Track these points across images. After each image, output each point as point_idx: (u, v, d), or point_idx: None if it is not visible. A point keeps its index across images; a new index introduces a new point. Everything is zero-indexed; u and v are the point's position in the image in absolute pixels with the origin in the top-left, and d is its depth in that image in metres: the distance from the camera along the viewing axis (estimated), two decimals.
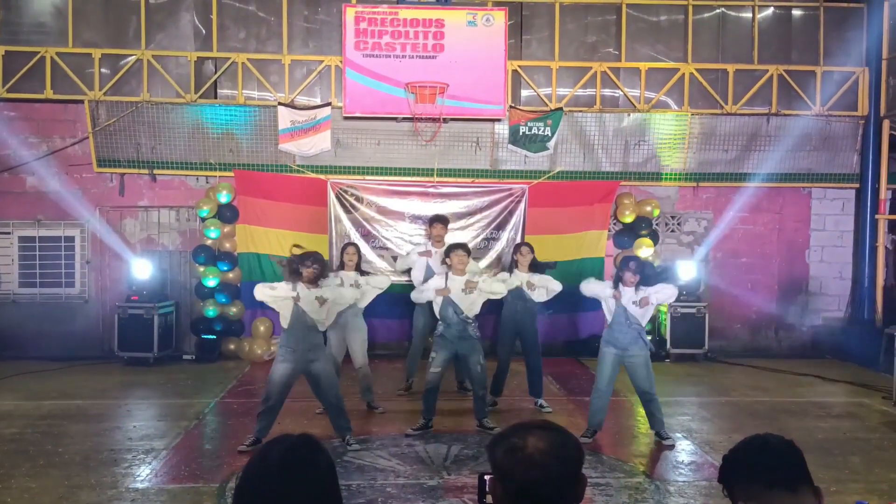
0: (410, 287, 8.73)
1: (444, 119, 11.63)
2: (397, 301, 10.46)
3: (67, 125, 11.82)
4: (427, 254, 9.22)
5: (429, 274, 8.77)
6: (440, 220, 9.48)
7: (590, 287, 7.70)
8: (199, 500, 5.77)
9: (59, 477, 6.29)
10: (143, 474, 6.40)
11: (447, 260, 7.95)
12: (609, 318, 7.49)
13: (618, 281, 7.45)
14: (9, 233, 11.96)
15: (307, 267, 6.87)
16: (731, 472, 2.15)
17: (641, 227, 11.99)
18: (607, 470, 6.61)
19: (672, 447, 7.27)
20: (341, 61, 11.69)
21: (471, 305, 7.63)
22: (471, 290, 7.61)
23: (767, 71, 12.23)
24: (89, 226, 11.98)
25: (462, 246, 8.00)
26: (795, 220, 12.71)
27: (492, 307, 8.69)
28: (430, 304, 8.03)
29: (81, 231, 12.02)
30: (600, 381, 7.45)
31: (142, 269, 11.34)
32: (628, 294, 7.34)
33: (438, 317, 7.77)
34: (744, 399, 9.40)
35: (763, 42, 12.33)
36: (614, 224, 12.20)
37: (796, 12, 12.50)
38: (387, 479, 6.31)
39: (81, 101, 11.63)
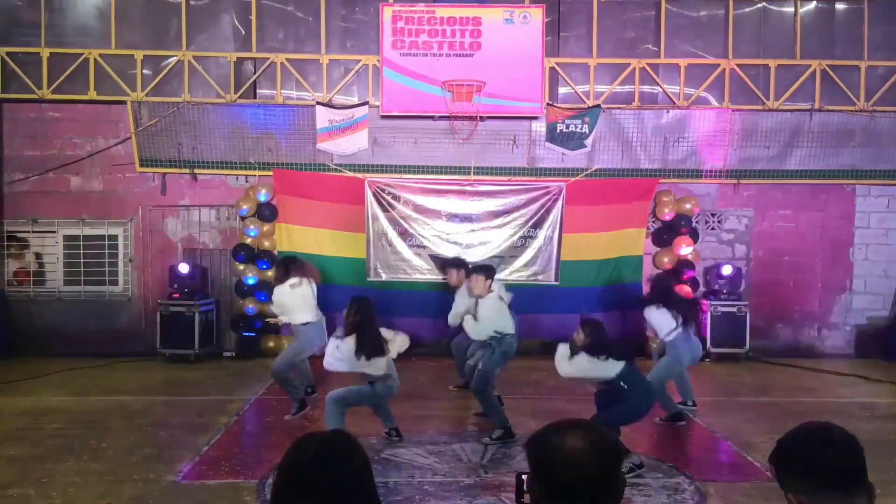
0: (441, 285, 8.72)
1: (481, 117, 11.62)
2: (431, 299, 10.50)
3: (110, 126, 12.02)
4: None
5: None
6: (454, 266, 9.42)
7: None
8: (240, 496, 5.84)
9: (102, 472, 6.39)
10: (185, 469, 6.49)
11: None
12: None
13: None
14: (54, 231, 12.20)
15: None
16: (785, 460, 2.08)
17: (681, 224, 11.87)
18: (646, 470, 6.55)
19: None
20: (378, 60, 11.73)
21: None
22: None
23: (810, 66, 12.02)
24: (132, 224, 12.18)
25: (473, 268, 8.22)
26: (839, 218, 12.49)
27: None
28: None
29: (124, 230, 12.23)
30: None
31: (183, 268, 11.49)
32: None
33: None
34: (786, 399, 9.25)
35: (805, 37, 12.13)
36: (653, 222, 12.09)
37: (840, 6, 12.27)
38: (424, 476, 6.32)
39: (124, 102, 11.82)
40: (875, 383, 10.26)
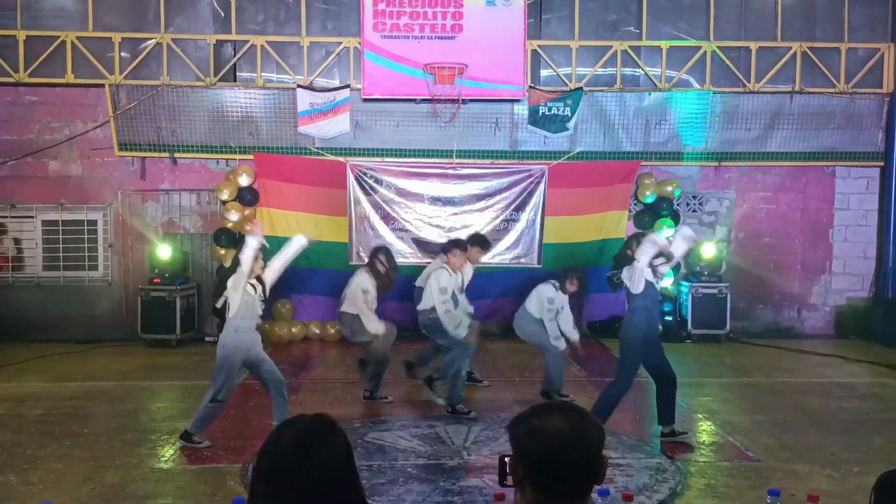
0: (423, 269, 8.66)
1: (463, 100, 11.58)
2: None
3: (88, 109, 11.88)
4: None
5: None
6: (459, 247, 8.46)
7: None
8: (223, 480, 5.83)
9: (84, 457, 6.37)
10: (168, 454, 6.48)
11: (444, 258, 8.07)
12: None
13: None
14: (32, 217, 12.07)
15: None
16: (885, 498, 2.08)
17: (662, 207, 11.91)
18: (628, 450, 6.61)
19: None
20: (360, 43, 11.66)
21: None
22: None
23: (791, 48, 12.07)
24: (111, 209, 12.08)
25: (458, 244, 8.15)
26: (819, 200, 12.57)
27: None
28: None
29: (104, 215, 12.12)
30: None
31: (163, 252, 11.42)
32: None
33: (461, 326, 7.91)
34: (766, 380, 9.35)
35: (786, 19, 12.16)
36: (635, 204, 12.12)
37: None
38: (408, 459, 6.34)
39: (102, 86, 11.68)
40: (854, 363, 10.37)
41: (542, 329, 8.06)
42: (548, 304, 8.05)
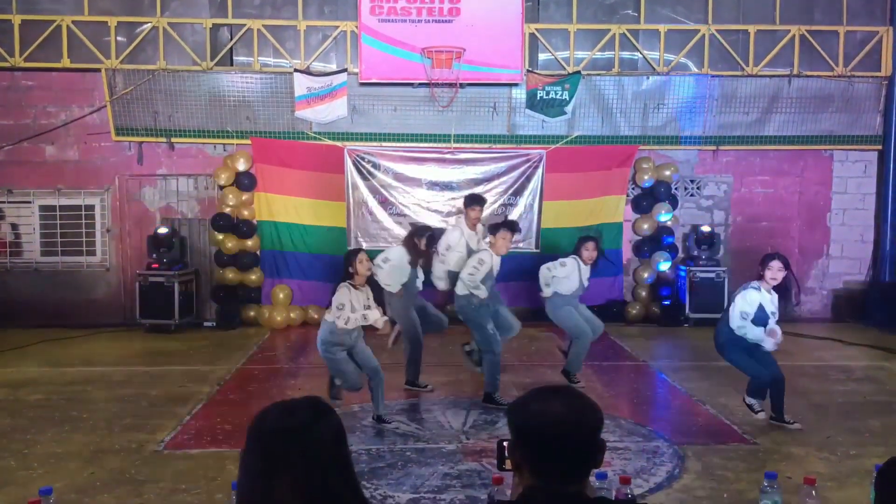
0: None
1: (461, 84, 11.54)
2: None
3: (85, 94, 11.83)
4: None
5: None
6: (479, 203, 8.57)
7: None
8: (222, 465, 5.85)
9: (83, 442, 6.39)
10: (167, 439, 6.49)
11: (491, 239, 7.63)
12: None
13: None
14: (30, 202, 12.04)
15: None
16: (887, 493, 2.07)
17: (660, 191, 11.91)
18: (626, 434, 6.63)
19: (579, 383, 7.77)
20: (357, 26, 11.60)
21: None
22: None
23: (789, 31, 12.03)
24: (109, 194, 12.06)
25: (510, 225, 7.82)
26: (816, 184, 12.57)
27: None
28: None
29: (101, 200, 12.10)
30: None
31: (161, 238, 11.41)
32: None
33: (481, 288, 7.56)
34: None
35: (785, 2, 12.11)
36: (633, 188, 12.12)
37: None
38: (406, 443, 6.36)
39: (98, 70, 11.63)
40: (851, 346, 10.40)
41: (575, 313, 8.02)
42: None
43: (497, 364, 7.50)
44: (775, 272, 6.59)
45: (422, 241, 7.96)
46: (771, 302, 6.68)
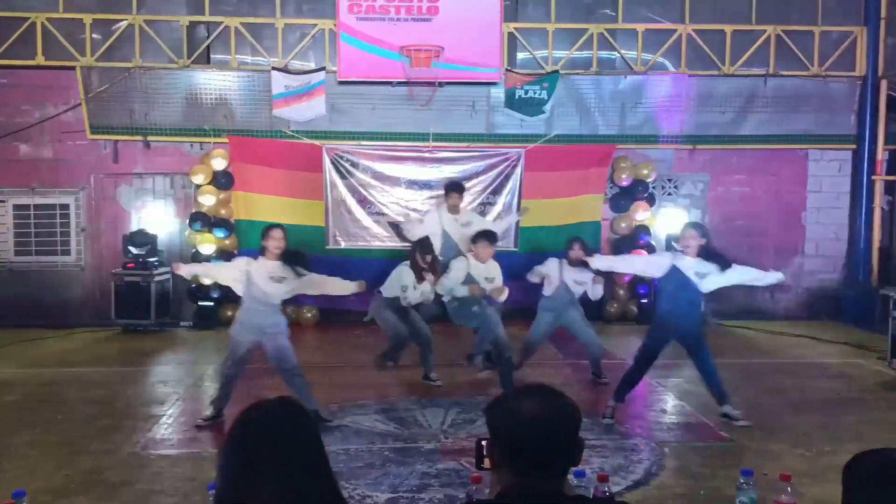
0: (400, 253, 8.63)
1: (440, 83, 11.53)
2: (391, 267, 10.45)
3: (60, 92, 11.70)
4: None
5: (446, 241, 8.85)
6: (456, 189, 9.25)
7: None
8: (199, 466, 5.81)
9: (58, 444, 6.32)
10: (143, 440, 6.44)
11: (472, 248, 7.87)
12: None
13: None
14: (3, 201, 11.90)
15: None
16: (853, 488, 2.03)
17: (638, 190, 11.97)
18: (603, 432, 6.66)
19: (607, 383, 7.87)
20: (335, 25, 11.56)
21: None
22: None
23: (765, 31, 12.12)
24: (84, 193, 11.93)
25: (489, 235, 7.89)
26: (792, 182, 12.68)
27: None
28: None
29: (76, 199, 11.97)
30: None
31: (137, 237, 11.31)
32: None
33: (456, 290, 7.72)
34: (740, 361, 9.43)
35: (761, 2, 12.21)
36: (611, 187, 12.16)
37: None
38: (385, 442, 6.35)
39: (73, 68, 11.51)
40: (826, 344, 10.51)
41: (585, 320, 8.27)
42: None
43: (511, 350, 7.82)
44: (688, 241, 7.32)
45: (425, 258, 8.04)
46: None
